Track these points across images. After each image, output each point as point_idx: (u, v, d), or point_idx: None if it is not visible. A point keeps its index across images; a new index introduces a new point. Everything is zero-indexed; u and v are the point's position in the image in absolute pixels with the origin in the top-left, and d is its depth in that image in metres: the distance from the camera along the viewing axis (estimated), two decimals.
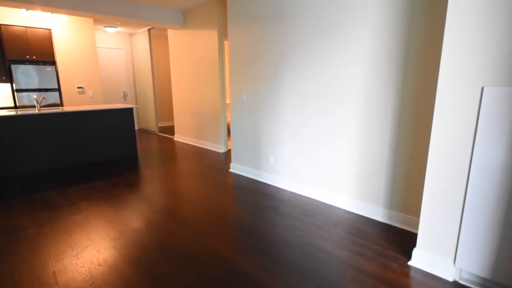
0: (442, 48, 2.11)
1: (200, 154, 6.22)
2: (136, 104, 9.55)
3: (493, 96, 1.92)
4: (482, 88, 1.96)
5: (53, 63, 6.76)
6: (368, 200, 3.29)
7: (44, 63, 6.63)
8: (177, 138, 7.82)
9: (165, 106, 10.20)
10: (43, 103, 6.67)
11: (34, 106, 6.51)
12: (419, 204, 2.90)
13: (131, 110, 6.05)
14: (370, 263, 2.44)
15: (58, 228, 3.04)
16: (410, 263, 2.46)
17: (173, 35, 7.27)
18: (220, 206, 3.56)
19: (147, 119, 9.23)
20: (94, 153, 5.62)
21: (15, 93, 6.31)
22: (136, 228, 3.02)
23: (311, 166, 3.80)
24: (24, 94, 6.40)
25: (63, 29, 6.89)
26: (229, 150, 6.46)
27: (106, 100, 8.98)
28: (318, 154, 3.70)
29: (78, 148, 5.39)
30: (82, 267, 2.39)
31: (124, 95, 9.32)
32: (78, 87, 7.26)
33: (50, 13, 6.50)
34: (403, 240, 2.79)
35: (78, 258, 2.51)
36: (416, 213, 2.95)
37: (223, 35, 5.99)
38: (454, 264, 2.25)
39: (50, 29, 6.66)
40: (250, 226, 3.09)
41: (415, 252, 2.44)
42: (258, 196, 3.89)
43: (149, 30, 8.18)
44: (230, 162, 5.45)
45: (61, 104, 6.99)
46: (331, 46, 3.34)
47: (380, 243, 2.75)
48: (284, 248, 2.68)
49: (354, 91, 3.21)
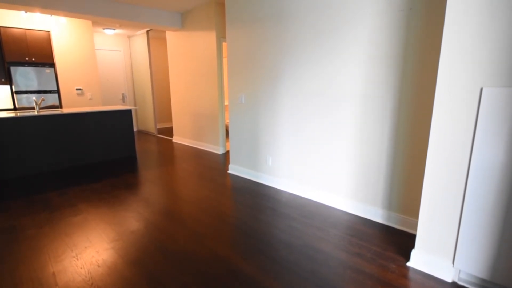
0: (440, 48, 2.09)
1: (199, 155, 6.22)
2: (135, 106, 9.55)
3: (492, 96, 1.91)
4: (481, 89, 1.95)
5: (52, 65, 6.75)
6: (367, 201, 3.29)
7: (43, 65, 6.62)
8: (175, 139, 7.82)
9: (163, 108, 10.20)
10: (42, 105, 6.66)
11: (33, 108, 6.51)
12: (418, 205, 2.90)
13: (129, 111, 6.05)
14: (369, 264, 2.44)
15: (58, 229, 3.04)
16: (408, 264, 2.45)
17: (171, 36, 7.27)
18: (218, 207, 3.57)
19: (145, 120, 9.23)
20: (93, 154, 5.62)
21: (15, 95, 6.30)
22: (135, 229, 3.03)
23: (309, 167, 3.80)
24: (24, 96, 6.39)
25: (62, 31, 6.89)
26: (227, 152, 6.46)
27: (105, 102, 8.97)
28: (316, 155, 3.69)
29: (77, 150, 5.39)
30: (81, 268, 2.40)
31: (123, 96, 9.32)
32: (77, 89, 7.25)
33: (49, 15, 6.52)
34: (402, 241, 2.79)
35: (77, 259, 2.51)
36: (415, 214, 2.94)
37: (221, 36, 6.00)
38: (452, 265, 2.24)
39: (49, 31, 6.66)
40: (248, 227, 3.09)
41: (414, 253, 2.44)
42: (256, 197, 3.90)
43: (147, 32, 8.18)
44: (229, 163, 5.46)
45: (60, 106, 6.98)
46: (330, 47, 3.33)
47: (378, 244, 2.76)
48: (283, 249, 2.68)
49: (353, 91, 3.21)
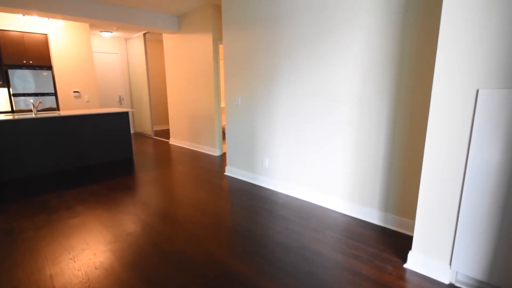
0: (436, 50, 2.12)
1: (196, 157, 6.22)
2: (132, 108, 9.53)
3: (488, 98, 1.91)
4: (477, 91, 1.96)
5: (49, 67, 6.73)
6: (363, 202, 3.28)
7: (41, 67, 6.60)
8: (172, 141, 7.82)
9: (160, 110, 10.18)
10: (39, 108, 6.64)
11: (31, 111, 6.48)
12: (415, 206, 2.89)
13: (126, 114, 6.05)
14: (366, 266, 2.44)
15: (55, 231, 3.03)
16: (405, 265, 2.45)
17: (168, 39, 7.27)
18: (215, 209, 3.57)
19: (142, 123, 9.21)
20: (90, 156, 5.61)
21: (12, 97, 6.27)
22: (132, 231, 3.02)
23: (306, 169, 3.80)
24: (21, 98, 6.37)
25: (60, 34, 6.88)
26: (224, 154, 6.47)
27: (102, 104, 8.96)
28: (313, 157, 3.70)
29: (74, 152, 5.38)
30: (78, 270, 2.40)
31: (120, 99, 9.30)
32: (74, 92, 7.24)
33: (47, 18, 6.51)
34: (399, 243, 2.79)
35: (74, 261, 2.51)
36: (412, 215, 2.93)
37: (218, 39, 6.01)
38: (450, 266, 2.24)
39: (46, 34, 6.64)
40: (245, 229, 3.10)
41: (411, 254, 2.43)
42: (253, 199, 3.90)
43: (144, 34, 8.18)
44: (226, 165, 5.47)
45: (57, 108, 6.96)
46: (326, 49, 3.34)
47: (375, 245, 2.75)
48: (280, 251, 2.68)
49: (349, 93, 3.21)
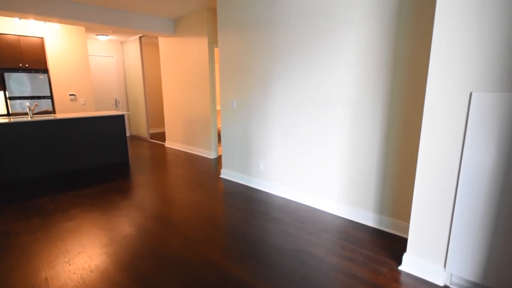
0: (430, 53, 2.12)
1: (191, 160, 6.22)
2: (128, 111, 9.50)
3: (481, 101, 1.91)
4: (471, 94, 1.96)
5: (45, 71, 6.70)
6: (358, 205, 3.28)
7: (37, 71, 6.57)
8: (168, 144, 7.80)
9: (156, 113, 10.16)
10: (35, 111, 6.60)
11: (26, 114, 6.45)
12: (409, 209, 2.88)
13: (122, 117, 6.03)
14: (361, 268, 2.44)
15: (51, 234, 3.02)
16: (400, 268, 2.44)
17: (164, 42, 7.27)
18: (211, 212, 3.57)
19: (138, 125, 9.19)
20: (86, 159, 5.58)
21: (8, 100, 6.23)
22: (128, 235, 3.02)
23: (301, 171, 3.81)
24: (17, 101, 6.33)
25: (56, 37, 6.85)
26: (219, 156, 6.47)
27: (98, 107, 8.92)
28: (308, 160, 3.70)
29: (70, 155, 5.35)
30: (74, 273, 2.38)
31: (116, 102, 9.28)
32: (70, 95, 7.21)
33: (43, 22, 6.49)
34: (394, 245, 2.79)
35: (70, 265, 2.50)
36: (406, 218, 2.93)
37: (213, 42, 6.03)
38: (444, 268, 2.24)
39: (42, 37, 6.61)
40: (241, 231, 3.10)
41: (406, 257, 2.43)
42: (248, 201, 3.90)
43: (140, 38, 8.17)
44: (221, 168, 5.47)
45: (53, 111, 6.92)
46: (320, 52, 3.34)
47: (370, 248, 2.75)
48: (275, 253, 2.68)
49: (343, 96, 3.21)
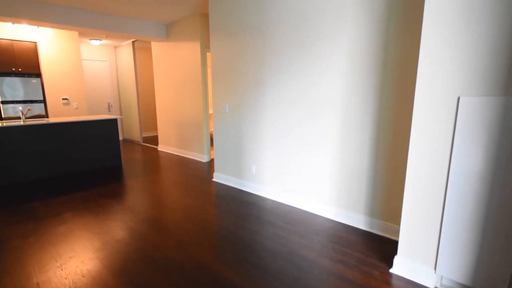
0: (418, 58, 2.13)
1: (184, 163, 6.20)
2: (121, 115, 9.45)
3: (469, 105, 1.92)
4: (458, 98, 1.97)
5: (38, 75, 6.64)
6: (350, 208, 3.28)
7: (30, 75, 6.50)
8: (161, 148, 7.77)
9: (149, 117, 10.12)
10: (28, 115, 6.53)
11: (19, 118, 6.37)
12: (400, 211, 2.88)
13: (115, 121, 5.99)
14: (352, 271, 2.44)
15: (43, 239, 2.99)
16: (391, 270, 2.45)
17: (156, 47, 7.26)
18: (203, 215, 3.56)
19: (131, 129, 9.13)
20: (79, 163, 5.53)
21: (1, 105, 6.15)
22: (120, 239, 3.00)
23: (293, 175, 3.81)
24: (10, 106, 6.25)
25: (49, 42, 6.79)
26: (212, 160, 6.46)
27: (91, 111, 8.85)
28: (299, 163, 3.71)
29: (63, 159, 5.30)
30: (66, 278, 2.36)
31: (109, 106, 9.22)
32: (63, 99, 7.14)
33: (36, 26, 6.43)
34: (385, 248, 2.80)
35: (62, 270, 2.47)
36: (397, 220, 2.93)
37: (205, 47, 6.04)
38: (435, 271, 2.25)
39: (35, 42, 6.55)
40: (233, 235, 3.09)
41: (396, 259, 2.43)
42: (241, 205, 3.90)
43: (133, 42, 8.14)
44: (213, 171, 5.46)
45: (46, 115, 6.86)
46: (311, 56, 3.36)
47: (362, 251, 2.76)
48: (267, 256, 2.68)
49: (334, 100, 3.22)
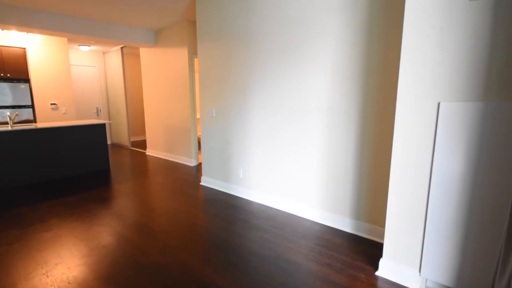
0: (399, 64, 2.16)
1: (172, 167, 6.19)
2: (109, 120, 9.37)
3: (449, 110, 1.96)
4: (439, 103, 2.01)
5: (27, 80, 6.56)
6: (336, 211, 3.28)
7: (18, 80, 6.42)
8: (149, 152, 7.74)
9: (137, 121, 10.06)
10: (16, 120, 6.44)
11: (7, 123, 6.28)
12: (385, 214, 2.88)
13: (103, 125, 5.96)
14: (339, 274, 2.44)
15: (29, 245, 2.96)
16: (377, 273, 2.45)
17: (145, 53, 7.27)
18: (191, 220, 3.57)
19: (119, 134, 9.07)
20: (67, 168, 5.48)
21: None
22: (107, 244, 2.99)
23: (280, 178, 3.83)
24: None
25: (38, 48, 6.72)
26: (200, 164, 6.47)
27: (79, 116, 8.76)
28: (286, 167, 3.72)
29: (51, 164, 5.24)
30: (51, 285, 2.35)
31: (97, 110, 9.14)
32: (52, 104, 7.06)
33: (25, 32, 6.36)
34: (371, 251, 2.81)
35: (47, 276, 2.46)
36: (383, 223, 2.91)
37: (193, 53, 6.09)
38: (419, 273, 2.24)
39: (24, 48, 6.49)
40: (220, 239, 3.09)
41: (382, 262, 2.44)
42: (228, 209, 3.91)
43: (122, 48, 8.11)
44: (201, 175, 5.46)
45: (34, 120, 6.77)
46: (296, 62, 3.39)
47: (348, 254, 2.76)
48: (254, 260, 2.67)
49: (319, 104, 3.25)
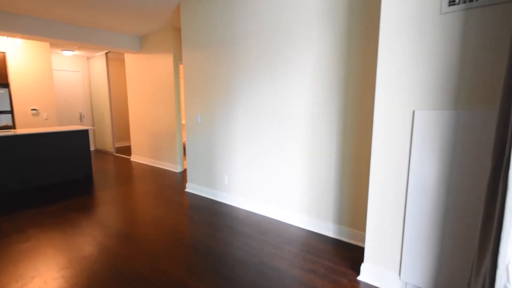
0: (376, 73, 2.17)
1: (157, 174, 6.04)
2: (93, 125, 9.13)
3: (423, 118, 1.99)
4: (413, 112, 2.04)
5: (6, 85, 6.31)
6: (319, 216, 3.27)
7: None
8: (134, 158, 7.56)
9: (122, 127, 9.83)
10: None
11: None
12: (366, 219, 2.87)
13: (86, 131, 5.77)
14: (322, 280, 2.42)
15: (4, 258, 2.79)
16: (359, 278, 2.45)
17: (130, 59, 7.13)
18: (175, 227, 3.46)
19: (104, 139, 8.83)
20: (48, 175, 5.25)
21: None
22: (88, 255, 2.84)
23: (264, 184, 3.79)
24: None
25: (18, 52, 6.48)
26: (185, 170, 6.34)
27: (62, 122, 8.49)
28: (270, 173, 3.69)
29: (31, 171, 5.02)
30: None
31: (81, 116, 8.89)
32: (32, 109, 6.81)
33: (5, 37, 6.14)
34: (353, 255, 2.81)
35: None
36: (365, 228, 2.93)
37: (178, 59, 6.01)
38: (399, 277, 2.25)
39: (4, 52, 6.24)
40: (205, 246, 3.02)
41: (363, 267, 2.44)
42: (213, 215, 3.83)
43: (106, 53, 7.94)
44: (186, 182, 5.35)
45: (13, 126, 6.51)
46: (279, 69, 3.40)
47: (331, 259, 2.75)
48: (239, 268, 2.62)
49: (302, 111, 3.26)
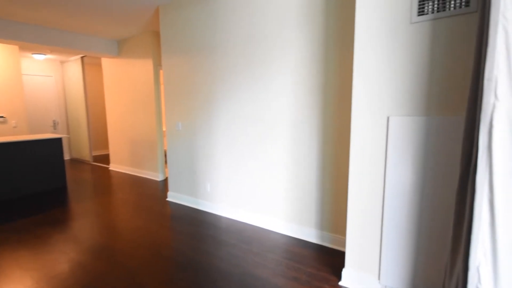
0: (352, 80, 2.22)
1: (137, 183, 5.72)
2: (68, 133, 8.67)
3: (397, 124, 2.04)
4: (388, 118, 2.07)
5: None
6: (302, 222, 3.24)
7: None
8: (112, 167, 7.19)
9: (99, 134, 9.39)
10: None
11: None
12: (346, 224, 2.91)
13: (59, 140, 5.40)
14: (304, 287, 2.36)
15: None
16: (340, 283, 2.43)
17: (107, 63, 6.78)
18: (155, 239, 3.20)
19: (80, 148, 8.38)
20: (17, 188, 4.83)
21: None
22: (58, 273, 2.54)
23: (246, 192, 3.67)
24: None
25: None
26: (167, 178, 6.05)
27: (33, 130, 8.00)
28: (252, 180, 3.58)
29: None
30: None
31: (54, 123, 8.41)
32: None
33: None
34: (336, 261, 2.77)
35: None
36: (345, 232, 2.92)
37: (158, 64, 5.73)
38: (379, 281, 2.25)
39: None
40: (186, 258, 2.80)
41: (345, 272, 2.43)
42: (195, 225, 3.60)
43: (82, 58, 7.57)
44: (168, 191, 5.07)
45: None
46: (259, 76, 3.37)
47: (314, 265, 2.70)
48: (221, 279, 2.47)
49: (283, 117, 3.23)
